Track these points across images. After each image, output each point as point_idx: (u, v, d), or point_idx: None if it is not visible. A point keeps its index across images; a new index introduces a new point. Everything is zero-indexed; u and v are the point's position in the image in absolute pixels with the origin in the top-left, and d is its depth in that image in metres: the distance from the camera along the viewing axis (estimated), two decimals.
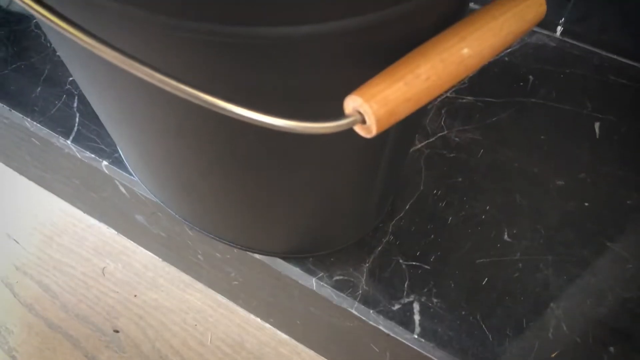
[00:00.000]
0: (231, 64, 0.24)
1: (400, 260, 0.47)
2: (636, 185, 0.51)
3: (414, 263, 0.47)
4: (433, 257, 0.47)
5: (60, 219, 0.77)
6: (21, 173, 0.80)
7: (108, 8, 0.23)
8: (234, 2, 0.20)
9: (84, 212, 0.77)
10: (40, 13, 0.22)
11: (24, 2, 0.22)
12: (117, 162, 0.53)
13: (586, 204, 0.50)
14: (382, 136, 0.33)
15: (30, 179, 0.79)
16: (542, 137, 0.54)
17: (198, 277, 0.70)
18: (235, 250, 0.51)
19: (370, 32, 0.24)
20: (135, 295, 0.70)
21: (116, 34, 0.24)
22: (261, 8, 0.21)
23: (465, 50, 0.24)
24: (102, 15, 0.24)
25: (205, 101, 0.22)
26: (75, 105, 0.57)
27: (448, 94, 0.58)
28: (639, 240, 0.48)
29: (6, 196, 0.79)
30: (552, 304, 0.44)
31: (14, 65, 0.60)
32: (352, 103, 0.23)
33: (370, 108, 0.22)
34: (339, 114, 0.23)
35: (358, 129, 0.24)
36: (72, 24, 0.22)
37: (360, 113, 0.23)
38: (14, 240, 0.76)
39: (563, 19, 0.61)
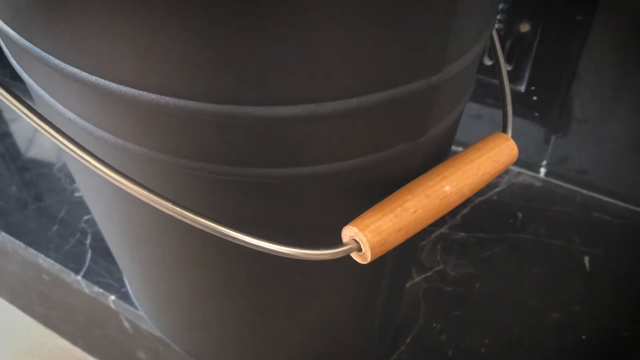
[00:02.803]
0: (242, 199, 0.27)
1: None
2: (631, 317, 0.52)
3: None
4: None
5: (58, 357, 0.76)
6: (25, 311, 0.80)
7: (136, 152, 0.27)
8: (254, 150, 0.24)
9: (84, 350, 0.76)
10: (72, 150, 0.25)
11: (58, 141, 0.26)
12: (124, 296, 0.55)
13: (583, 337, 0.51)
14: (378, 267, 0.36)
15: (33, 317, 0.80)
16: (534, 270, 0.56)
17: None
18: None
19: (365, 172, 0.28)
20: None
21: (138, 170, 0.28)
22: (273, 154, 0.25)
23: (447, 188, 0.28)
24: (128, 156, 0.28)
25: (220, 232, 0.25)
26: (88, 242, 0.60)
27: (442, 230, 0.61)
28: None
29: (6, 335, 0.79)
30: None
31: (34, 206, 0.65)
32: (348, 232, 0.26)
33: (365, 237, 0.25)
34: (338, 242, 0.26)
35: (355, 256, 0.26)
36: (105, 164, 0.25)
37: (356, 241, 0.26)
38: None
39: (545, 161, 0.66)
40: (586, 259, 0.58)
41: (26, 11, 0.25)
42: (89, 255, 0.58)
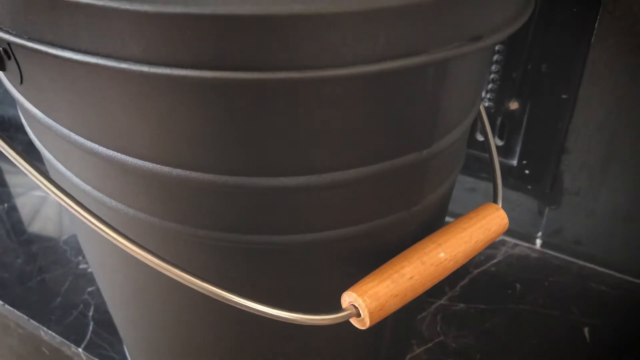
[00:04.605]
0: (245, 265, 0.29)
1: None
2: None
3: None
4: None
5: None
6: None
7: (146, 221, 0.29)
8: (258, 218, 0.26)
9: None
10: (87, 219, 0.27)
11: (74, 209, 0.27)
12: None
13: None
14: (377, 334, 0.37)
15: None
16: (534, 341, 0.56)
17: None
18: None
19: (363, 239, 0.29)
20: None
21: (147, 238, 0.29)
22: (276, 222, 0.26)
23: (442, 255, 0.29)
24: (139, 224, 0.29)
25: (224, 297, 0.26)
26: (90, 314, 0.60)
27: (442, 302, 0.62)
28: None
29: None
30: None
31: (38, 278, 0.65)
32: (347, 298, 0.27)
33: (363, 302, 0.26)
34: (338, 308, 0.27)
35: (354, 321, 0.27)
36: (118, 232, 0.27)
37: (355, 307, 0.27)
38: None
39: (540, 232, 0.67)
40: (586, 330, 0.58)
41: (53, 95, 0.27)
42: (90, 328, 0.59)
